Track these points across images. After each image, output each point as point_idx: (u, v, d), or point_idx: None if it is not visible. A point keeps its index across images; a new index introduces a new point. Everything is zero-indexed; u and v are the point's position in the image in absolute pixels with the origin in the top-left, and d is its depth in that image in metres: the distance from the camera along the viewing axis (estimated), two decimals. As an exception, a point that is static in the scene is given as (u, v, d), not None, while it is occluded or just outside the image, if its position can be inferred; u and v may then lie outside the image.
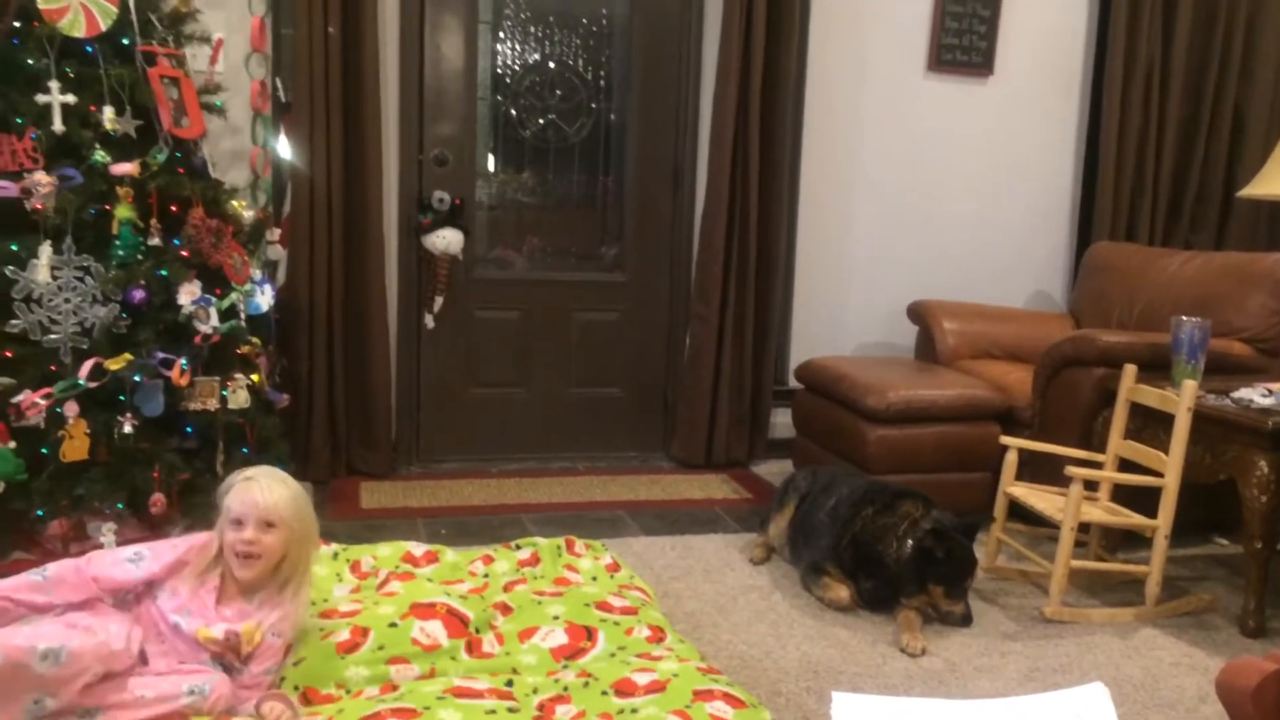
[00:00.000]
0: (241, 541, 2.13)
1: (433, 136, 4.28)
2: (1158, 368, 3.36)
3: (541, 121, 4.45)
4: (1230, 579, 3.43)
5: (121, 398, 3.05)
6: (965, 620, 2.94)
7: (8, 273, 2.97)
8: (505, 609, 2.59)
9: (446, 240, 4.22)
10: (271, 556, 2.16)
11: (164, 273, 3.13)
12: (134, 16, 3.20)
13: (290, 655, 2.22)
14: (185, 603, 2.13)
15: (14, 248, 2.99)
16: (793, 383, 4.47)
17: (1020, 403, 3.87)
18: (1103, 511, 3.25)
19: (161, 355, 3.10)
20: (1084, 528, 3.24)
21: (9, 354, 2.99)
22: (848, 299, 4.81)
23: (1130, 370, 3.30)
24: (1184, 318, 3.29)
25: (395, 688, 2.21)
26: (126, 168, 3.11)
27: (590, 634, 2.46)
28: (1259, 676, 1.27)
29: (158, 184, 3.17)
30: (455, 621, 2.43)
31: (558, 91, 4.44)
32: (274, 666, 2.16)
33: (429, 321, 4.34)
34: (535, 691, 2.25)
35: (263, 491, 2.16)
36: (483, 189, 4.44)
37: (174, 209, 3.24)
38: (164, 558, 2.18)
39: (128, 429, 3.03)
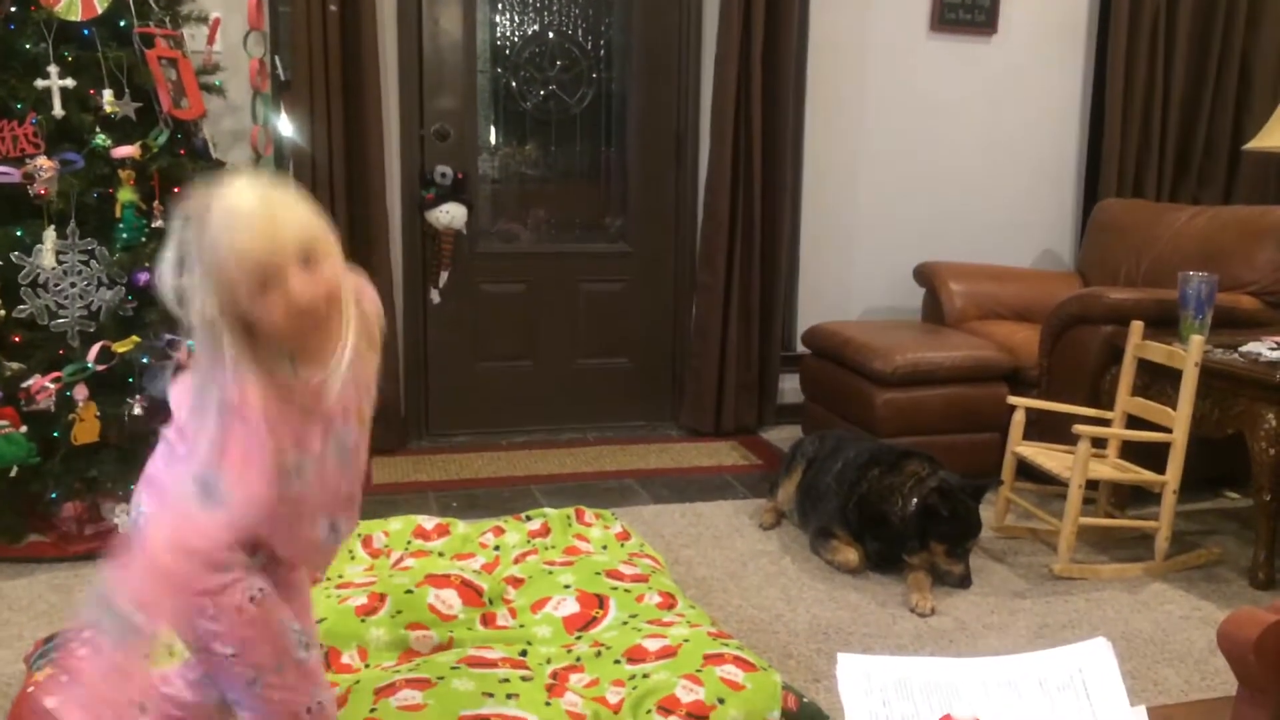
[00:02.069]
0: (298, 302, 1.43)
1: (433, 111, 4.27)
2: (1165, 324, 3.35)
3: (542, 93, 4.43)
4: (1240, 532, 3.43)
5: (130, 380, 3.07)
6: (964, 581, 2.95)
7: (13, 258, 2.99)
8: (516, 582, 2.61)
9: (450, 215, 4.22)
10: (341, 294, 1.50)
11: (168, 254, 3.14)
12: (130, -2, 3.20)
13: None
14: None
15: (19, 233, 3.00)
16: (800, 348, 4.47)
17: (1028, 362, 3.86)
18: (1111, 468, 3.25)
19: (169, 337, 3.11)
20: (1093, 485, 3.24)
21: (17, 339, 3.01)
22: (854, 263, 4.79)
23: (1137, 327, 3.29)
24: (1190, 273, 3.28)
25: (415, 654, 2.25)
26: (127, 150, 3.11)
27: (602, 602, 2.48)
28: (1260, 628, 1.27)
29: (159, 166, 3.17)
30: (470, 591, 2.45)
31: (558, 62, 4.42)
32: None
33: (435, 296, 4.35)
34: (549, 661, 2.27)
35: (269, 216, 1.44)
36: (485, 162, 4.43)
37: (176, 190, 3.24)
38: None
39: (137, 410, 3.05)
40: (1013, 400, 3.40)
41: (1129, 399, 3.30)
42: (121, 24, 3.20)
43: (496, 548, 2.85)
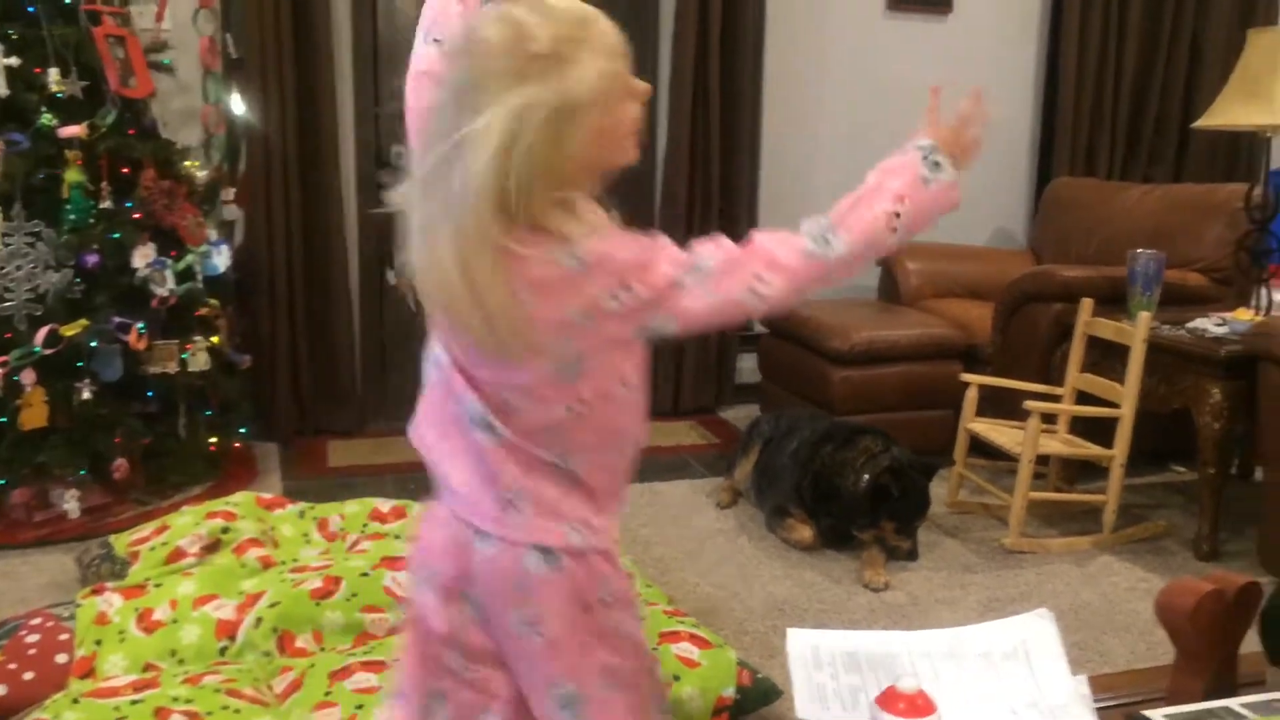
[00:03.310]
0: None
1: (390, 89, 4.22)
2: (1116, 301, 3.40)
3: (498, 71, 4.39)
4: (1186, 505, 3.50)
5: (79, 364, 3.03)
6: (911, 555, 3.00)
7: (-43, 240, 2.94)
8: (474, 560, 2.61)
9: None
10: None
11: (117, 236, 3.10)
12: (74, -26, 3.14)
13: None
14: None
15: (-38, 215, 2.96)
16: (758, 327, 4.49)
17: (982, 340, 3.91)
18: (1061, 444, 3.30)
19: (118, 320, 3.07)
20: (1043, 460, 3.30)
21: (-37, 323, 2.97)
22: (811, 242, 4.81)
23: (1087, 304, 3.34)
24: (1139, 250, 3.33)
25: (371, 637, 2.24)
26: (74, 130, 3.06)
27: (558, 581, 2.48)
28: (1196, 597, 1.30)
29: (107, 146, 3.13)
30: (424, 574, 2.45)
31: (513, 41, 4.38)
32: None
33: (391, 277, 4.32)
34: (506, 640, 2.28)
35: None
36: (441, 142, 4.39)
37: (125, 171, 3.20)
38: None
39: (87, 395, 3.01)
40: (966, 377, 3.44)
41: (1079, 375, 3.35)
42: (68, 1, 3.14)
43: (454, 529, 2.85)
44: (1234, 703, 1.24)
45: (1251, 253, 3.43)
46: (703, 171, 4.37)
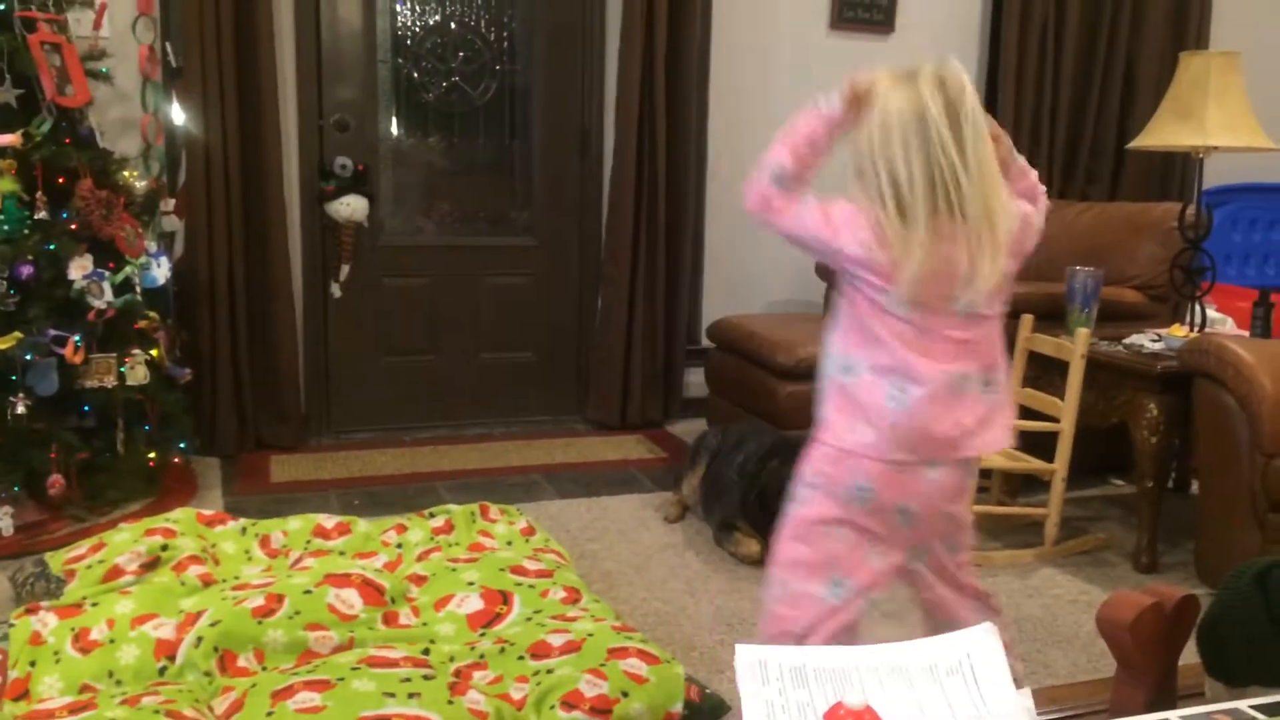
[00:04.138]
0: None
1: (333, 101, 4.19)
2: (1055, 317, 3.46)
3: (445, 85, 4.38)
4: (1125, 518, 3.56)
5: (13, 378, 2.95)
6: None
7: (-116, 251, 2.86)
8: (419, 580, 2.58)
9: (351, 207, 4.15)
10: None
11: (52, 247, 3.03)
12: (10, -20, 3.07)
13: None
14: None
15: (-110, 225, 2.88)
16: (705, 342, 4.51)
17: (925, 355, 3.95)
18: (1003, 457, 3.33)
19: (54, 333, 3.01)
20: (985, 473, 3.34)
21: (-110, 336, 2.88)
22: (758, 257, 4.84)
23: (1027, 320, 3.40)
24: (1077, 268, 3.39)
25: (314, 655, 2.21)
26: (7, 139, 3.00)
27: (506, 598, 2.47)
28: (1136, 610, 1.32)
29: (42, 155, 3.07)
30: (371, 590, 2.42)
31: (460, 54, 4.37)
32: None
33: (335, 290, 4.27)
34: (452, 659, 2.26)
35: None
36: (387, 154, 4.37)
37: (61, 181, 3.13)
38: None
39: (21, 409, 2.94)
40: (910, 392, 3.48)
41: (1020, 390, 3.40)
42: (2, 7, 3.08)
43: (399, 545, 2.82)
44: (1174, 715, 1.25)
45: (1186, 270, 3.51)
46: (649, 186, 4.39)
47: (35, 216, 3.05)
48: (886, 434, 1.74)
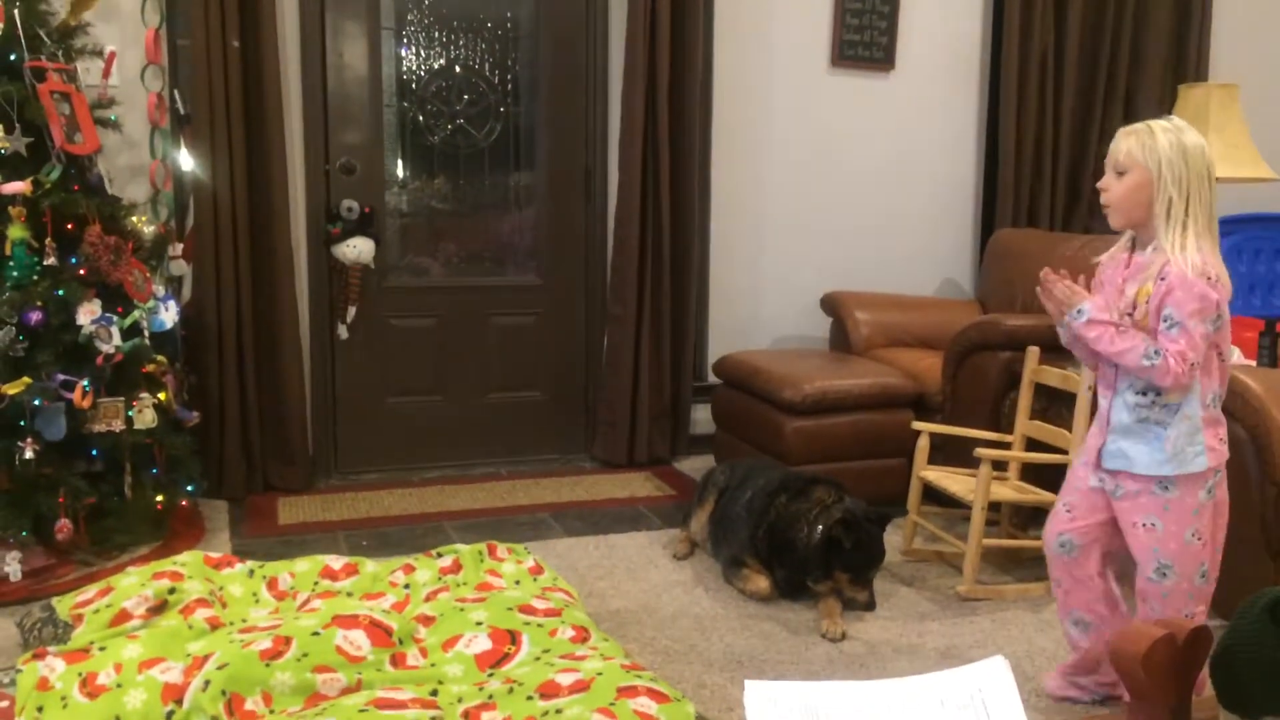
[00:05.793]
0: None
1: (339, 145, 4.23)
2: (1061, 349, 3.44)
3: (450, 127, 4.42)
4: (1136, 550, 3.54)
5: (22, 423, 2.96)
6: (869, 606, 2.99)
7: (-105, 298, 2.88)
8: (427, 620, 2.57)
9: (357, 249, 4.18)
10: (1119, 203, 2.27)
11: (61, 293, 3.06)
12: (20, 32, 3.12)
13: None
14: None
15: (-99, 272, 2.90)
16: (711, 378, 4.51)
17: (932, 388, 3.95)
18: (1012, 490, 3.33)
19: (62, 377, 3.02)
20: (995, 507, 3.33)
21: (-100, 382, 2.90)
22: (762, 294, 4.86)
23: (1033, 353, 3.40)
24: (1082, 299, 3.39)
25: (322, 698, 2.19)
26: (18, 186, 3.03)
27: (514, 638, 2.46)
28: (1148, 642, 1.32)
29: (51, 202, 3.10)
30: (379, 632, 2.41)
31: (465, 96, 4.42)
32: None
33: (343, 332, 4.29)
34: (460, 700, 2.24)
35: (1117, 139, 2.29)
36: (393, 196, 4.40)
37: (70, 227, 3.16)
38: None
39: (29, 454, 2.95)
40: (917, 425, 3.48)
41: (1028, 422, 3.40)
42: (12, 57, 3.12)
43: (407, 586, 2.81)
44: (1188, 746, 1.24)
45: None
46: (654, 224, 4.41)
47: (45, 263, 3.07)
48: None
